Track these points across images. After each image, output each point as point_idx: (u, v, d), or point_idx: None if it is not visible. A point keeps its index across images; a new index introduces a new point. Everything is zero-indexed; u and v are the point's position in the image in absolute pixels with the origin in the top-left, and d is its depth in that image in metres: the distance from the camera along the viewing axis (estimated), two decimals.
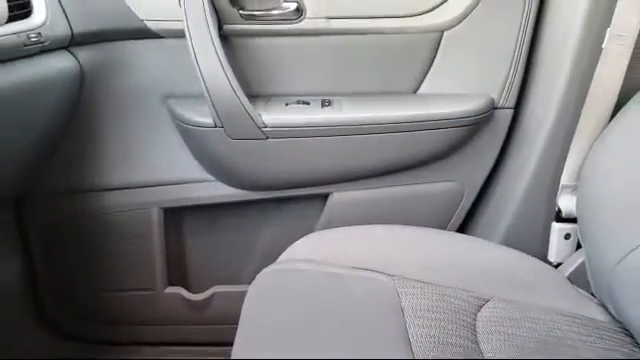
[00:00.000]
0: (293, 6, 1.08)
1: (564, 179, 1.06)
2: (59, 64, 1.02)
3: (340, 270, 0.90)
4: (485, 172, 1.21)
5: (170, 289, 1.26)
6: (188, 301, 1.27)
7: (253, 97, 1.12)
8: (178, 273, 1.30)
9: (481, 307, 0.84)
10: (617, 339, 0.84)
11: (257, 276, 0.91)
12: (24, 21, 0.92)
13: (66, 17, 1.02)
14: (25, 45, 0.90)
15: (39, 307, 1.27)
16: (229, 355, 0.77)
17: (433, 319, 0.79)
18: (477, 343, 0.76)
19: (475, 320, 0.81)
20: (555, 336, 0.82)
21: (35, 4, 0.95)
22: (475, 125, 1.13)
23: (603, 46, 0.95)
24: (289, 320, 0.80)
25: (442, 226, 1.22)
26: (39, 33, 0.93)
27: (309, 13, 1.09)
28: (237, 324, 0.83)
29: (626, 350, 0.82)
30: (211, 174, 1.19)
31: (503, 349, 0.76)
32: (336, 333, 0.76)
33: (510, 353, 0.75)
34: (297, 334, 0.77)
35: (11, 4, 0.88)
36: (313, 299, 0.84)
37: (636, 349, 0.82)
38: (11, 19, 0.88)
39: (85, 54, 1.08)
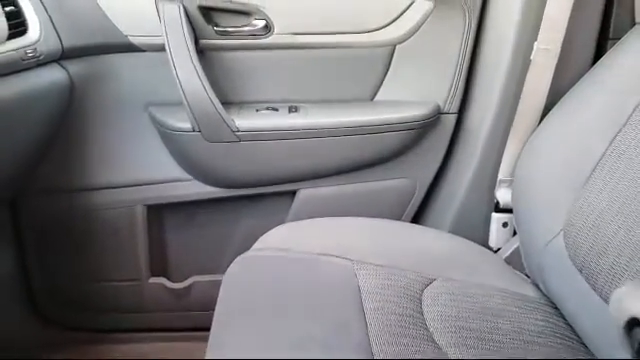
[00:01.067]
0: (262, 23, 1.16)
1: (501, 175, 1.16)
2: (51, 76, 1.09)
3: (306, 256, 0.98)
4: (434, 169, 1.29)
5: (153, 279, 1.31)
6: (170, 290, 1.32)
7: (227, 104, 1.19)
8: (160, 264, 1.34)
9: (427, 285, 0.94)
10: (545, 311, 0.95)
11: (232, 263, 0.99)
12: (21, 38, 0.99)
13: (57, 33, 1.09)
14: (22, 60, 0.97)
15: (31, 298, 1.31)
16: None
17: (385, 294, 0.88)
18: (422, 313, 0.86)
19: (421, 296, 0.91)
20: (489, 307, 0.92)
21: (30, 22, 1.02)
22: (424, 128, 1.22)
23: (531, 58, 1.06)
24: (261, 300, 0.87)
25: (397, 217, 1.30)
26: (35, 49, 1.00)
27: (276, 29, 1.17)
28: (214, 310, 0.89)
29: (551, 320, 0.93)
30: (189, 174, 1.25)
31: (443, 317, 0.86)
32: (301, 308, 0.85)
33: (448, 320, 0.86)
34: (267, 310, 0.84)
35: (10, 23, 0.96)
36: (282, 281, 0.92)
37: (560, 319, 0.93)
38: (9, 37, 0.96)
39: (74, 66, 1.14)
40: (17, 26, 0.98)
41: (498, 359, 0.78)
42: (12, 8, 0.98)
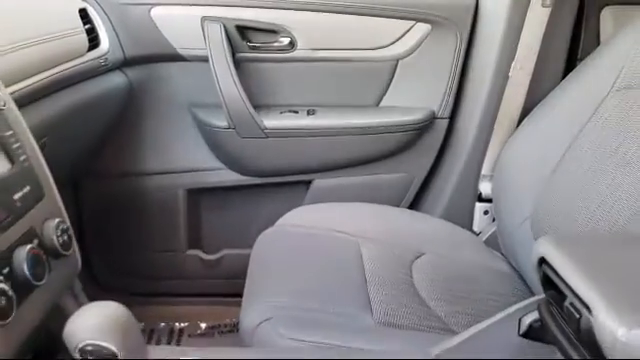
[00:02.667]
0: (287, 40, 1.34)
1: (484, 170, 1.34)
2: (115, 80, 1.28)
3: (318, 232, 1.16)
4: (428, 165, 1.46)
5: (190, 251, 1.49)
6: (204, 260, 1.49)
7: (257, 107, 1.36)
8: (196, 239, 1.52)
9: (417, 258, 1.11)
10: (514, 282, 1.12)
11: (259, 236, 1.18)
12: (96, 50, 1.19)
13: (121, 46, 1.28)
14: (97, 68, 1.18)
15: (88, 266, 1.48)
16: (238, 304, 0.97)
17: (382, 262, 1.06)
18: (411, 277, 1.04)
19: (412, 265, 1.09)
20: (467, 275, 1.10)
21: (101, 37, 1.23)
22: (420, 130, 1.40)
23: (510, 75, 1.24)
24: (282, 262, 1.06)
25: (396, 205, 1.46)
26: (106, 58, 1.21)
27: (299, 45, 1.34)
28: (241, 278, 1.05)
29: (517, 287, 1.10)
30: (223, 163, 1.43)
31: (428, 280, 1.03)
32: (314, 268, 1.04)
33: (432, 283, 1.03)
34: (286, 270, 1.03)
35: (88, 37, 1.16)
36: (298, 250, 1.10)
37: (524, 286, 1.10)
38: (88, 49, 1.16)
39: (133, 73, 1.34)
40: (92, 40, 1.18)
41: None
42: (89, 26, 1.18)
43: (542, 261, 0.64)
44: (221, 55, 1.28)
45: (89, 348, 0.50)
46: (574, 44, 1.30)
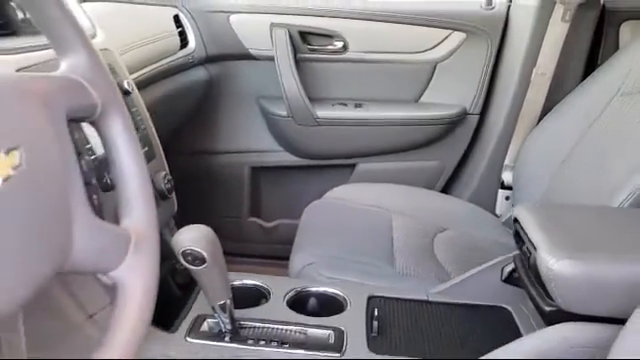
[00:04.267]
0: (341, 44, 1.57)
1: (507, 161, 1.52)
2: (198, 74, 1.55)
3: (357, 205, 1.38)
4: (459, 155, 1.65)
5: (251, 219, 1.74)
6: (262, 227, 1.74)
7: (312, 99, 1.58)
8: (257, 209, 1.76)
9: (440, 232, 1.31)
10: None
11: (308, 205, 1.42)
12: (186, 49, 1.46)
13: (204, 45, 1.55)
14: (185, 63, 1.45)
15: None
16: (288, 267, 1.17)
17: (408, 232, 1.27)
18: (432, 245, 1.24)
19: (434, 237, 1.30)
20: (482, 247, 1.28)
21: (189, 38, 1.50)
22: (453, 124, 1.60)
23: (531, 79, 1.43)
24: (324, 228, 1.28)
25: (429, 189, 1.62)
26: (193, 56, 1.48)
27: (351, 49, 1.58)
28: (292, 244, 1.24)
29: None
30: (282, 147, 1.67)
31: (446, 248, 1.24)
32: (350, 231, 1.26)
33: (449, 251, 1.23)
34: (327, 233, 1.25)
35: (180, 38, 1.45)
36: (339, 217, 1.33)
37: None
38: (180, 48, 1.44)
39: (212, 68, 1.60)
40: (183, 40, 1.46)
41: None
42: (180, 29, 1.46)
43: (515, 221, 0.85)
44: (285, 55, 1.53)
45: (188, 251, 0.76)
46: (595, 53, 1.48)
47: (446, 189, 1.71)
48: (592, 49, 1.45)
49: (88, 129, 0.69)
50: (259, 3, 1.57)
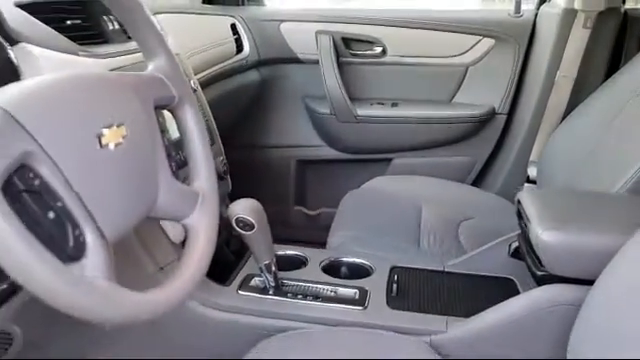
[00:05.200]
0: (380, 49, 1.73)
1: (532, 157, 1.62)
2: (252, 76, 1.74)
3: (392, 195, 1.51)
4: (488, 151, 1.77)
5: (296, 207, 1.91)
6: (306, 215, 1.91)
7: (353, 99, 1.74)
8: (302, 198, 1.93)
9: (466, 220, 1.43)
10: None
11: (347, 193, 1.57)
12: (241, 54, 1.66)
13: (257, 50, 1.74)
14: (241, 66, 1.65)
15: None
16: None
17: (436, 219, 1.39)
18: (457, 232, 1.37)
19: (460, 224, 1.42)
20: (502, 234, 1.41)
21: (244, 44, 1.69)
22: (483, 123, 1.72)
23: (555, 81, 1.55)
24: (359, 211, 1.43)
25: (460, 182, 1.75)
26: (247, 59, 1.67)
27: (389, 53, 1.73)
28: None
29: None
30: (325, 142, 1.84)
31: (469, 232, 1.38)
32: (382, 215, 1.39)
33: (472, 235, 1.36)
34: (362, 215, 1.40)
35: (236, 44, 1.64)
36: (373, 204, 1.46)
37: None
38: (236, 53, 1.64)
39: (264, 70, 1.79)
40: (239, 46, 1.66)
41: None
42: (236, 36, 1.66)
43: (518, 202, 0.98)
44: (328, 59, 1.70)
45: (240, 219, 0.93)
46: (618, 57, 1.57)
47: (476, 183, 1.83)
48: (615, 53, 1.55)
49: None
50: (306, 13, 1.76)
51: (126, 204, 0.59)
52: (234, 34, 1.65)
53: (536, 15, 1.65)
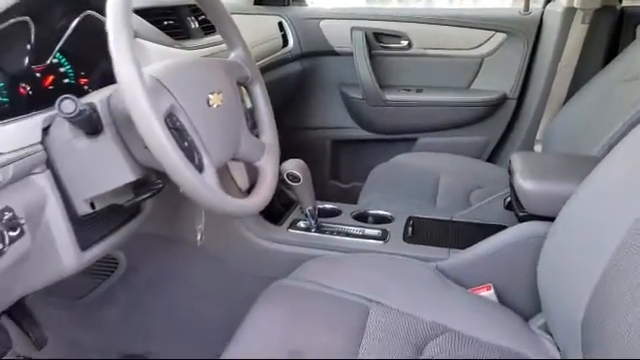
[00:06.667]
0: (406, 42, 1.98)
1: (537, 136, 1.86)
2: (294, 67, 2.01)
3: (413, 166, 1.76)
4: (500, 132, 2.01)
5: (331, 181, 2.19)
6: (339, 188, 2.18)
7: (382, 86, 1.99)
8: (335, 173, 2.21)
9: (478, 188, 1.70)
10: None
11: (375, 167, 1.84)
12: (286, 48, 1.93)
13: (300, 44, 2.01)
14: (286, 59, 1.93)
15: None
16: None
17: (451, 186, 1.63)
18: (469, 197, 1.66)
19: (471, 192, 1.70)
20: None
21: (289, 39, 1.97)
22: (496, 107, 1.96)
23: (557, 70, 1.79)
24: (383, 178, 1.72)
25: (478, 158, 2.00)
26: (291, 52, 1.96)
27: (414, 46, 1.98)
28: None
29: None
30: (357, 124, 2.10)
31: (480, 199, 1.65)
32: (403, 181, 1.69)
33: (480, 201, 1.64)
34: (386, 181, 1.70)
35: (282, 39, 1.93)
36: (396, 174, 1.71)
37: None
38: (282, 47, 1.93)
39: (304, 62, 2.06)
40: (284, 41, 1.94)
41: None
42: (282, 32, 1.95)
43: (510, 162, 1.24)
44: (361, 52, 1.96)
45: (289, 173, 1.22)
46: (615, 48, 1.80)
47: (490, 159, 2.07)
48: (612, 46, 1.78)
49: None
50: (342, 11, 2.03)
51: (223, 144, 0.89)
52: (280, 31, 1.94)
53: (542, 13, 1.89)
